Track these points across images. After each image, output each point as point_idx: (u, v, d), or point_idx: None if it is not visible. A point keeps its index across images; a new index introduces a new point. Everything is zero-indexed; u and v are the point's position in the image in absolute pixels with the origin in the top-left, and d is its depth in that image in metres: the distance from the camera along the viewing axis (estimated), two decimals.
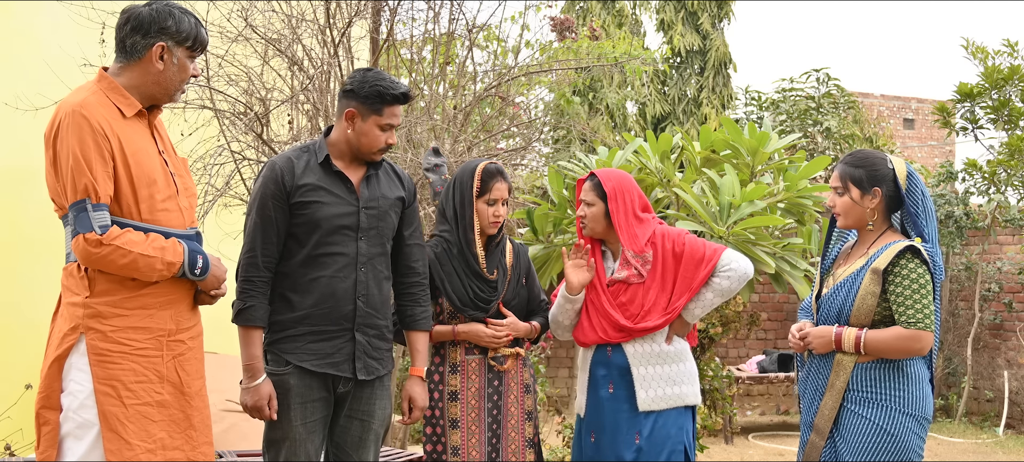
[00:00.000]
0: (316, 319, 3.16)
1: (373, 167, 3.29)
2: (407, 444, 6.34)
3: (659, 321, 3.60)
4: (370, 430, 3.29)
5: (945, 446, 8.43)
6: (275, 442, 3.18)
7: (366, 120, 3.19)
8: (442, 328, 3.64)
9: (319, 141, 3.28)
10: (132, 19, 2.82)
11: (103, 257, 2.68)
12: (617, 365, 3.63)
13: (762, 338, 10.50)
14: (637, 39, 10.50)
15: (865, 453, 3.18)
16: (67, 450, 2.74)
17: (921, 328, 3.14)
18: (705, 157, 5.17)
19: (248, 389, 3.12)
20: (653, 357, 3.62)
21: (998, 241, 9.74)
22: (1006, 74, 9.07)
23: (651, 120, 15.23)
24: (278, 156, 3.26)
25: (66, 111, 2.72)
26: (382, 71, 3.27)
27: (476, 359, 3.64)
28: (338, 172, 3.22)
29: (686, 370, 3.69)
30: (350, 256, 3.19)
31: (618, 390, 3.62)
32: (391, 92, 3.17)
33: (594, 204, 3.68)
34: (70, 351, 2.74)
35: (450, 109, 5.89)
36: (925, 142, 21.44)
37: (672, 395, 3.62)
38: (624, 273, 3.63)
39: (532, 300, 3.81)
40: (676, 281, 3.62)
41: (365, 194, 3.25)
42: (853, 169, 3.29)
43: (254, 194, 3.20)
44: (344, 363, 3.19)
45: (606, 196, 3.65)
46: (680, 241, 3.64)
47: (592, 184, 3.70)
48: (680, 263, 3.62)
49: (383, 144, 3.22)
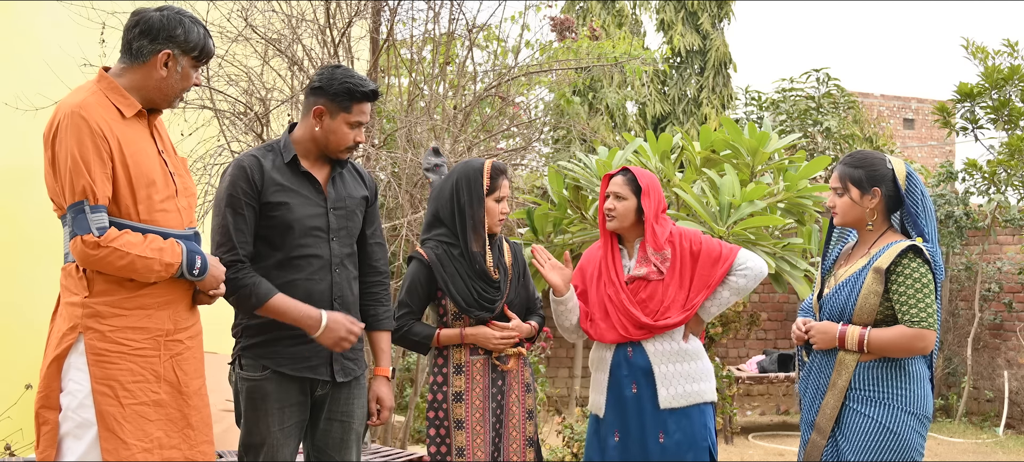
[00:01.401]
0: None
1: (338, 166, 3.26)
2: (407, 444, 6.34)
3: (679, 318, 3.64)
4: (351, 430, 3.28)
5: (945, 446, 8.43)
6: (252, 447, 3.15)
7: (335, 117, 3.15)
8: (450, 332, 3.63)
9: (284, 140, 3.21)
10: (142, 23, 2.81)
11: (101, 259, 2.68)
12: (639, 365, 3.65)
13: (762, 338, 10.50)
14: (637, 39, 10.50)
15: (868, 452, 3.19)
16: (67, 450, 2.74)
17: (924, 327, 3.15)
18: (705, 157, 5.17)
19: (324, 333, 3.05)
20: (673, 355, 3.66)
21: (998, 241, 9.74)
22: (1006, 74, 9.06)
23: (651, 120, 15.23)
24: (243, 155, 3.19)
25: (65, 112, 2.71)
26: (350, 68, 3.24)
27: (480, 360, 3.63)
28: (305, 173, 3.18)
29: (704, 367, 3.73)
30: (324, 258, 3.16)
31: (642, 390, 3.64)
32: (360, 89, 3.13)
33: (627, 199, 3.68)
34: (69, 351, 2.73)
35: (450, 109, 5.89)
36: (925, 142, 21.44)
37: (692, 392, 3.65)
38: (644, 270, 3.66)
39: (529, 299, 3.81)
40: (693, 279, 3.66)
41: (332, 194, 3.22)
42: (852, 169, 3.30)
43: (222, 193, 3.12)
44: (321, 366, 3.17)
45: (640, 191, 3.66)
46: (697, 240, 3.70)
47: (626, 178, 3.71)
48: (697, 261, 3.67)
49: (351, 142, 3.18)
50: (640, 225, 3.71)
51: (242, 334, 3.18)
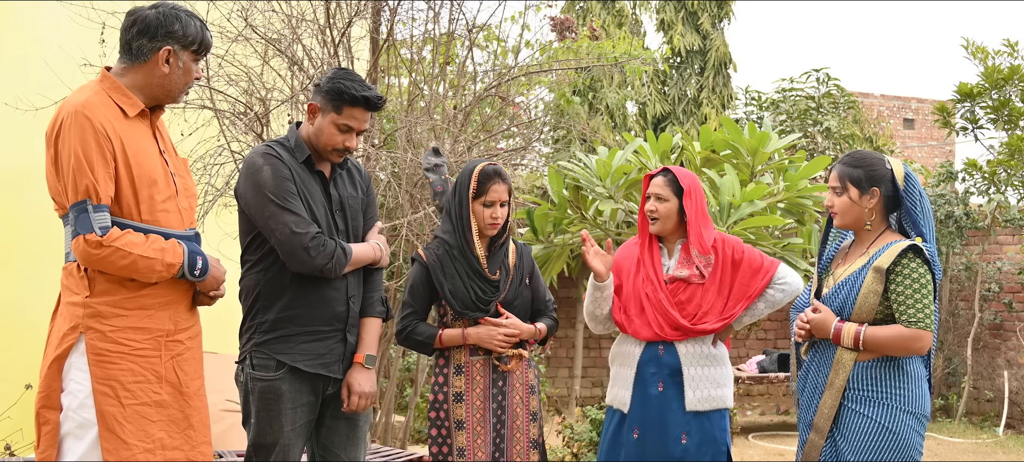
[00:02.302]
0: (309, 319, 3.13)
1: (338, 166, 3.25)
2: (407, 444, 6.34)
3: (716, 324, 3.64)
4: (357, 429, 3.29)
5: (945, 446, 8.43)
6: (263, 447, 3.15)
7: (325, 116, 3.14)
8: (452, 332, 3.61)
9: (295, 139, 3.20)
10: (139, 22, 2.81)
11: (103, 258, 2.68)
12: (668, 364, 3.64)
13: (762, 338, 10.50)
14: (637, 39, 10.50)
15: (868, 452, 3.19)
16: (67, 450, 2.74)
17: (921, 327, 3.15)
18: (705, 157, 5.17)
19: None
20: (702, 358, 3.66)
21: (998, 241, 9.74)
22: (1006, 74, 9.07)
23: (651, 120, 15.23)
24: (262, 150, 3.15)
25: (69, 111, 2.71)
26: (355, 74, 3.21)
27: (480, 360, 3.62)
28: (318, 172, 3.19)
29: (727, 373, 3.74)
30: None
31: (668, 389, 3.63)
32: (351, 93, 3.10)
33: (668, 200, 3.67)
34: (70, 351, 2.73)
35: (450, 109, 5.89)
36: (925, 142, 21.44)
37: (716, 397, 3.66)
38: (686, 271, 3.65)
39: (537, 301, 3.76)
40: (733, 287, 3.67)
41: (335, 196, 3.22)
42: (851, 169, 3.30)
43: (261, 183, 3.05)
44: (335, 364, 3.18)
45: (682, 193, 3.65)
46: (739, 248, 3.71)
47: (667, 179, 3.69)
48: (738, 270, 3.68)
49: (339, 145, 3.14)
50: (682, 226, 3.70)
51: (254, 331, 3.16)
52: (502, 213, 3.62)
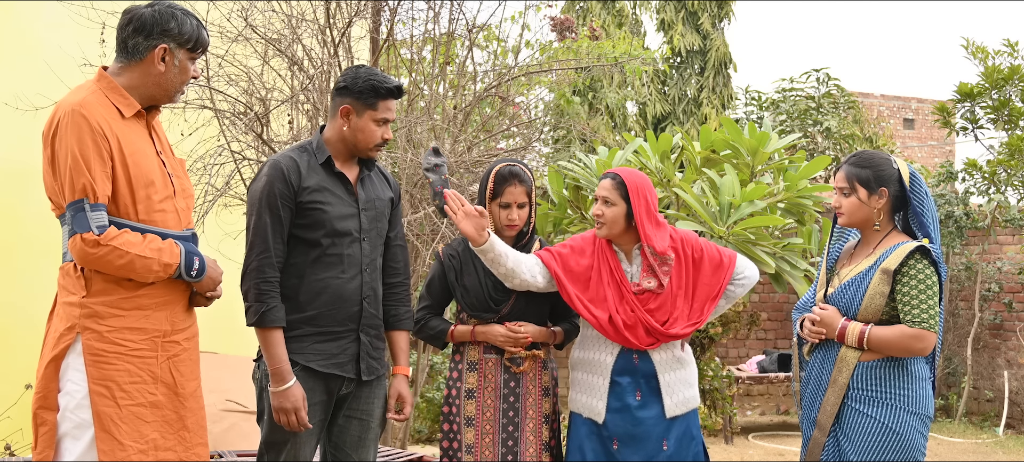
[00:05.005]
0: (323, 320, 3.15)
1: (366, 168, 3.29)
2: (407, 444, 6.34)
3: (687, 328, 3.54)
4: (369, 429, 3.30)
5: (945, 446, 8.43)
6: (275, 444, 3.16)
7: (361, 116, 3.18)
8: (462, 328, 3.64)
9: (317, 141, 3.24)
10: (134, 20, 2.81)
11: (100, 257, 2.68)
12: (643, 372, 3.55)
13: (762, 338, 10.50)
14: (637, 39, 10.49)
15: (872, 452, 3.19)
16: (65, 450, 2.73)
17: (926, 328, 3.15)
18: (705, 157, 5.17)
19: (280, 393, 3.04)
20: (674, 362, 3.60)
21: (998, 241, 9.74)
22: (1006, 74, 9.06)
23: (651, 120, 15.24)
24: (279, 155, 3.21)
25: (65, 110, 2.71)
26: (372, 67, 3.28)
27: (493, 358, 3.61)
28: (339, 173, 3.21)
29: (694, 373, 3.69)
30: (357, 258, 3.19)
31: (646, 397, 3.54)
32: (384, 86, 3.17)
33: (615, 204, 3.53)
34: (67, 351, 2.73)
35: (450, 109, 5.89)
36: (925, 142, 21.44)
37: (690, 398, 3.62)
38: (653, 283, 3.53)
39: (558, 304, 3.68)
40: (697, 286, 3.57)
41: (362, 196, 3.25)
42: (859, 169, 3.29)
43: (259, 193, 3.12)
44: (348, 364, 3.19)
45: (629, 196, 3.51)
46: (697, 246, 3.60)
47: (614, 183, 3.54)
48: (700, 269, 3.58)
49: (379, 139, 3.21)
50: (634, 230, 3.56)
51: None
52: (519, 215, 3.59)
